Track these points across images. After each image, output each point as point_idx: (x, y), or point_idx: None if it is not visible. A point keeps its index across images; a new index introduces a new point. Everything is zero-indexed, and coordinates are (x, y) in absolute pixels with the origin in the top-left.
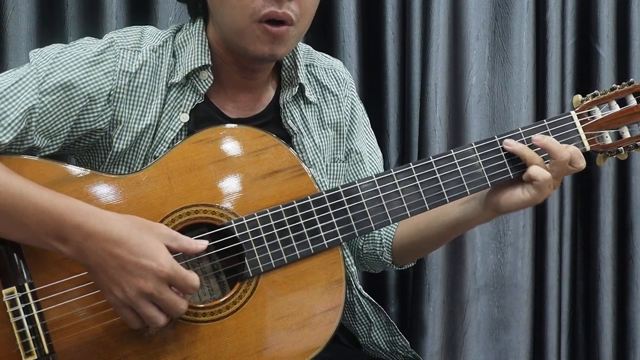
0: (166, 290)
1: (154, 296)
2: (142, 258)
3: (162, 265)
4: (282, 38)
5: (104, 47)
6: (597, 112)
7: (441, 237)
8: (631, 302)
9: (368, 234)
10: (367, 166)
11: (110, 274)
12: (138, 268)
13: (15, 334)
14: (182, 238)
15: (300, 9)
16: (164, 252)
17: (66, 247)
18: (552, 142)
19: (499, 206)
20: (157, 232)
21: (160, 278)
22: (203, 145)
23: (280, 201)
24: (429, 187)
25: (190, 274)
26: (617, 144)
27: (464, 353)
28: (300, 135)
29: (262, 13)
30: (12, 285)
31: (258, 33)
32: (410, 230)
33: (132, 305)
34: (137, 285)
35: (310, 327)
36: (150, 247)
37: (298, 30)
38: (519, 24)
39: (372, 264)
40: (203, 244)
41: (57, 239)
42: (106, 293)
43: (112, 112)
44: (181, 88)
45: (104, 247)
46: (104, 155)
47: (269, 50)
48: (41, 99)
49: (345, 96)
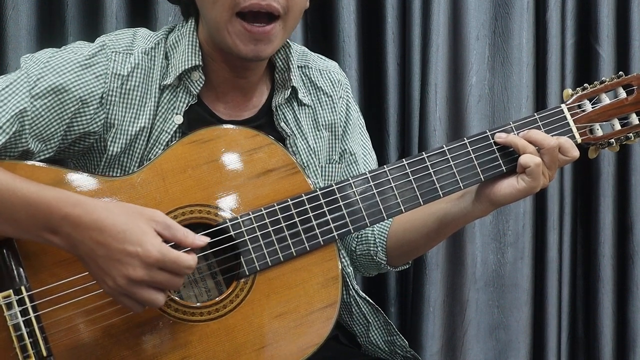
0: (157, 273)
1: (145, 281)
2: (127, 245)
3: (148, 251)
4: (268, 38)
5: (96, 50)
6: (587, 104)
7: (437, 234)
8: (631, 302)
9: (361, 234)
10: (361, 167)
11: (100, 264)
12: (124, 255)
13: (13, 337)
14: (177, 228)
15: (288, 2)
16: (151, 236)
17: (57, 238)
18: (535, 132)
19: (494, 198)
20: (149, 217)
21: (148, 264)
22: (197, 145)
23: (275, 199)
24: (422, 182)
25: (183, 254)
26: (608, 135)
27: (464, 353)
28: (294, 137)
29: (243, 5)
30: (8, 288)
31: (237, 30)
32: (406, 227)
33: (125, 292)
34: (126, 273)
35: (307, 325)
36: (136, 232)
37: (285, 25)
38: (519, 24)
39: (367, 265)
40: (203, 240)
41: (47, 231)
42: (100, 283)
43: (105, 115)
44: (174, 90)
45: (91, 236)
46: (99, 159)
47: (252, 51)
48: (33, 102)
49: (340, 97)
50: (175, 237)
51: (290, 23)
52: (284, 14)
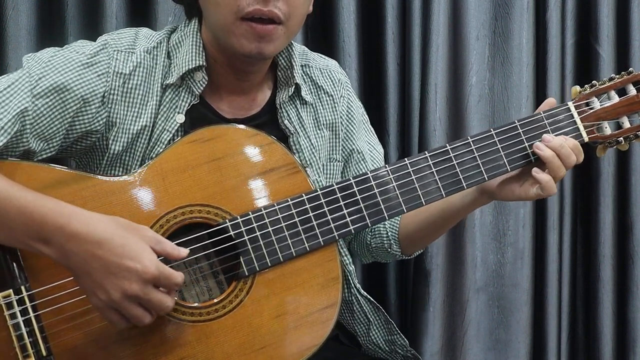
0: (151, 291)
1: (139, 297)
2: (125, 259)
3: (146, 267)
4: (270, 36)
5: (97, 49)
6: (595, 102)
7: (442, 225)
8: (631, 302)
9: (374, 228)
10: (369, 165)
11: (93, 277)
12: (122, 270)
13: (13, 336)
14: (166, 242)
15: (289, 8)
16: (148, 253)
17: (49, 249)
18: (561, 147)
19: (498, 195)
20: (142, 234)
21: (145, 280)
22: (197, 145)
23: (275, 199)
24: (424, 182)
25: (174, 271)
26: (617, 134)
27: (464, 353)
28: (297, 135)
29: (246, 11)
30: (8, 288)
31: (243, 30)
32: (413, 220)
33: (116, 307)
34: (122, 287)
35: (307, 325)
36: (134, 248)
37: (287, 30)
38: (519, 24)
39: (383, 256)
40: (184, 251)
41: (39, 241)
42: (90, 296)
43: (107, 114)
44: (176, 89)
45: (86, 249)
46: (101, 157)
47: (256, 48)
48: (34, 102)
49: (340, 96)
50: (165, 250)
51: (292, 28)
52: (286, 20)
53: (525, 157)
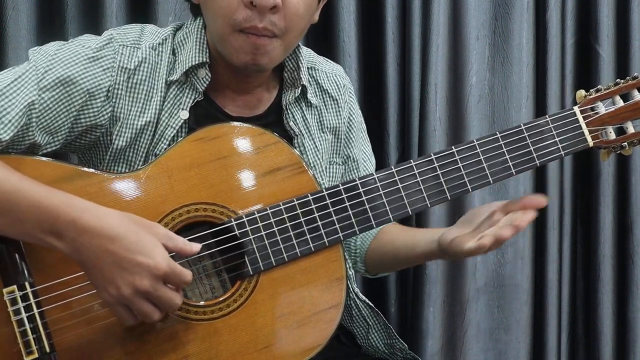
0: (162, 287)
1: (149, 293)
2: (138, 255)
3: (159, 263)
4: (265, 48)
5: (103, 43)
6: (600, 107)
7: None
8: (631, 302)
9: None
10: (361, 174)
11: (105, 271)
12: (134, 265)
13: (16, 332)
14: (177, 238)
15: (286, 23)
16: (161, 249)
17: (61, 242)
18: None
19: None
20: (154, 230)
21: (157, 276)
22: (203, 143)
23: (281, 199)
24: (429, 184)
25: (184, 269)
26: (621, 139)
27: (464, 353)
28: (302, 137)
29: (243, 26)
30: (12, 284)
31: (240, 42)
32: (380, 244)
33: (126, 302)
34: (133, 282)
35: (310, 325)
36: (147, 244)
37: (284, 42)
38: (519, 24)
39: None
40: (197, 247)
41: (51, 235)
42: (100, 291)
43: (111, 109)
44: (180, 86)
45: (98, 244)
46: (104, 152)
47: (252, 60)
48: (41, 95)
49: (345, 102)
50: (177, 246)
51: (290, 40)
52: (282, 34)
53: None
